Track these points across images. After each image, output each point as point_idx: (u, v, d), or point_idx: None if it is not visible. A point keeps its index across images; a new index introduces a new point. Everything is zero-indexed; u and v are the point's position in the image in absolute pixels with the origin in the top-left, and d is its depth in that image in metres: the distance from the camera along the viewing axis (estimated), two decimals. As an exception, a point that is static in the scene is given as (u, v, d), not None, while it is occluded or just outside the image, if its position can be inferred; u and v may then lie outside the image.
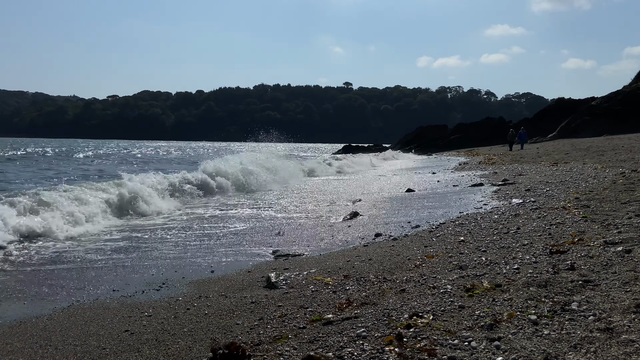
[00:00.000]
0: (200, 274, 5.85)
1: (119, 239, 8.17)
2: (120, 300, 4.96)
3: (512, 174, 14.88)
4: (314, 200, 12.87)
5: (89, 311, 4.63)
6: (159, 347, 3.64)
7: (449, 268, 4.89)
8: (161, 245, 7.58)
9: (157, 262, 6.50)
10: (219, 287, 5.20)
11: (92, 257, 6.91)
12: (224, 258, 6.64)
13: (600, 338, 2.87)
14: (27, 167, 30.22)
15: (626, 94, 43.55)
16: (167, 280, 5.62)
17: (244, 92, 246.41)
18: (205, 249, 7.20)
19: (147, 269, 6.17)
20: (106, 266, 6.41)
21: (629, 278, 3.79)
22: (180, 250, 7.16)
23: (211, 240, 7.86)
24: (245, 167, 16.83)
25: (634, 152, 17.32)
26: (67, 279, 5.84)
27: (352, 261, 5.76)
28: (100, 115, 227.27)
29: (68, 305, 4.88)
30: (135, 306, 4.69)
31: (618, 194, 7.96)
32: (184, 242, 7.76)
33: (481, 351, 2.89)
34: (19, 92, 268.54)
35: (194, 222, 9.73)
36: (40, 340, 3.95)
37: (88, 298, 5.09)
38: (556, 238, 5.58)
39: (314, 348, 3.20)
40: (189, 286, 5.32)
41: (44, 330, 4.18)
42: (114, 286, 5.47)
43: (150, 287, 5.34)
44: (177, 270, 6.06)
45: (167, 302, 4.75)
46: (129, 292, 5.21)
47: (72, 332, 4.09)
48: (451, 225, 7.42)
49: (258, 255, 6.77)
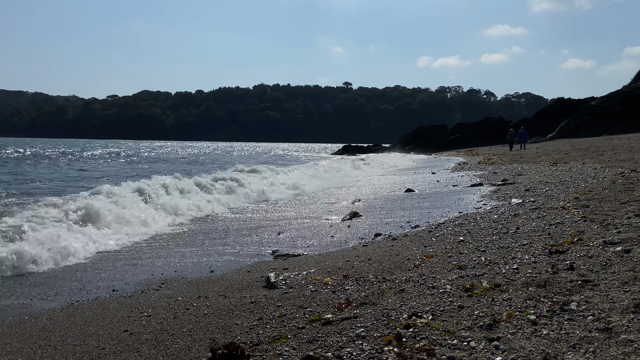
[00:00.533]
0: (199, 274, 5.85)
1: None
2: (119, 300, 4.96)
3: (512, 174, 14.88)
4: (313, 201, 12.87)
5: (88, 311, 4.63)
6: (158, 347, 3.64)
7: (449, 268, 4.89)
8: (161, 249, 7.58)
9: (155, 262, 6.50)
10: (219, 287, 5.20)
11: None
12: (224, 258, 6.64)
13: (599, 338, 2.87)
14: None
15: (625, 94, 43.61)
16: (167, 280, 5.62)
17: (244, 92, 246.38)
18: (205, 249, 7.20)
19: (147, 269, 6.17)
20: (106, 266, 6.42)
21: (628, 278, 3.79)
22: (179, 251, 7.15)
23: (211, 239, 7.86)
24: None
25: (633, 152, 17.33)
26: (65, 280, 5.85)
27: (351, 261, 5.77)
28: (99, 115, 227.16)
29: (67, 305, 4.88)
30: (134, 306, 4.69)
31: (617, 194, 7.97)
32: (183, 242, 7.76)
33: (480, 351, 2.89)
34: (19, 91, 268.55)
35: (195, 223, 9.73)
36: (40, 340, 3.95)
37: (87, 297, 5.10)
38: (555, 238, 5.58)
39: (313, 348, 3.20)
40: (188, 286, 5.32)
41: (44, 330, 4.18)
42: (114, 286, 5.47)
43: (150, 287, 5.34)
44: (177, 270, 6.06)
45: (166, 302, 4.75)
46: (128, 292, 5.21)
47: (71, 332, 4.08)
48: (450, 225, 7.42)
49: (257, 255, 6.77)
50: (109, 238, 7.82)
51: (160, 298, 4.92)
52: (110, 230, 8.25)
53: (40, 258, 6.31)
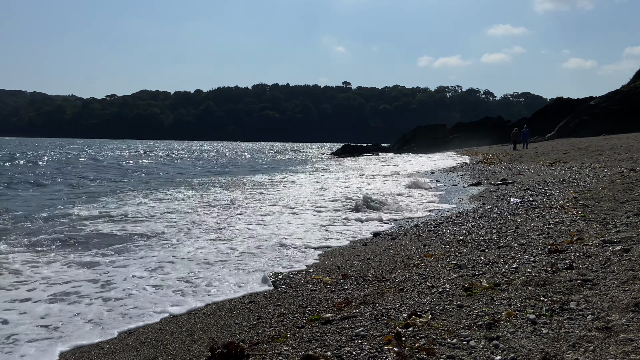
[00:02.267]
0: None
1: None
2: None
3: (511, 174, 14.88)
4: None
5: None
6: (157, 346, 3.63)
7: (448, 267, 4.89)
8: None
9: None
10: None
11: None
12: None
13: (599, 337, 2.87)
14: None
15: (624, 94, 43.59)
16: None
17: (243, 91, 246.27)
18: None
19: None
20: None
21: (627, 277, 3.79)
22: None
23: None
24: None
25: (632, 151, 17.34)
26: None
27: (350, 260, 5.76)
28: (98, 115, 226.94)
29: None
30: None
31: (616, 193, 7.97)
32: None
33: (480, 350, 2.89)
34: (17, 91, 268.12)
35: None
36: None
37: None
38: (555, 237, 5.58)
39: (313, 347, 3.20)
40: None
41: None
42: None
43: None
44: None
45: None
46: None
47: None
48: (450, 225, 7.42)
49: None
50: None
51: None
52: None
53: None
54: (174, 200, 12.56)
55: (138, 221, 9.24)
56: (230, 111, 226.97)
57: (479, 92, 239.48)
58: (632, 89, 43.68)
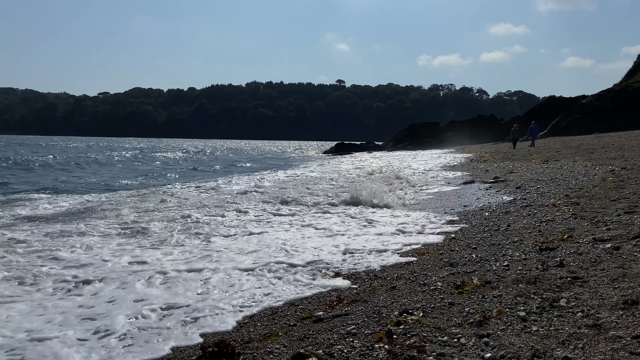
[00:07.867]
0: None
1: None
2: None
3: (503, 172, 14.94)
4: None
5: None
6: (148, 345, 3.61)
7: (440, 265, 4.90)
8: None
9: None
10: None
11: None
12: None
13: (588, 334, 2.89)
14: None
15: (617, 92, 43.89)
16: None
17: (236, 89, 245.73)
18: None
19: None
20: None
21: (617, 275, 3.82)
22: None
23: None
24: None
25: (623, 149, 17.46)
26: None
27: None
28: (91, 112, 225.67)
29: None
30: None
31: (607, 191, 8.02)
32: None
33: (470, 347, 2.90)
34: (9, 88, 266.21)
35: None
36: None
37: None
38: (546, 235, 5.61)
39: (304, 345, 3.19)
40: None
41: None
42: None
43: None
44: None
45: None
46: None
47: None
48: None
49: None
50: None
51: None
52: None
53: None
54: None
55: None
56: (224, 109, 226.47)
57: (472, 90, 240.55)
58: (624, 88, 43.99)
